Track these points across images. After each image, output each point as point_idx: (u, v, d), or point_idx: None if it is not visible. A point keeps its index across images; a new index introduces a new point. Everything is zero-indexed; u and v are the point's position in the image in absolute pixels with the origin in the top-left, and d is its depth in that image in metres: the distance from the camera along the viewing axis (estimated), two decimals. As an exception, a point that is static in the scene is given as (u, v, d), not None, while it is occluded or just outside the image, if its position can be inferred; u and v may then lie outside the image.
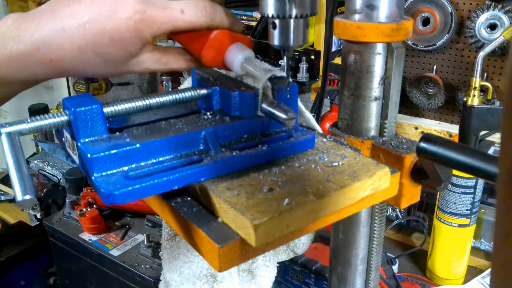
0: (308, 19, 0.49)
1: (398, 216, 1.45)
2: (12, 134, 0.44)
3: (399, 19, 0.56)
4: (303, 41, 0.49)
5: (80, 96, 0.48)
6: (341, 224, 0.67)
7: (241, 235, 0.42)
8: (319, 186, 0.45)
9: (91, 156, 0.44)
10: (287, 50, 0.50)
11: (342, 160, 0.51)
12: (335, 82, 1.53)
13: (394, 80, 0.58)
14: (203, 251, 0.44)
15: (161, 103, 0.52)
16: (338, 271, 0.70)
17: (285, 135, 0.53)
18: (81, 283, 1.57)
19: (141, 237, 1.47)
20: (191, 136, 0.49)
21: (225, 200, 0.43)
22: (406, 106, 1.43)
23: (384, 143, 0.59)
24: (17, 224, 2.04)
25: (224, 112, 0.53)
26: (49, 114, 0.46)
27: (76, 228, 1.53)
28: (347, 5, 0.57)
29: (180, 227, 0.47)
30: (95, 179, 0.44)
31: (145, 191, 0.43)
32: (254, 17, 1.76)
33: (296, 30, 0.48)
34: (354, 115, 0.61)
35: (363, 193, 0.48)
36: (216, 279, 0.75)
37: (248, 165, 0.49)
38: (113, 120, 0.51)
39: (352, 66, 0.59)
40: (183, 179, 0.45)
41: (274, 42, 0.49)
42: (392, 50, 0.56)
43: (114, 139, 0.47)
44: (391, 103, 0.60)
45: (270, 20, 0.48)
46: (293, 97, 0.54)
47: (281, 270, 1.26)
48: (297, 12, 0.46)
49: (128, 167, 0.46)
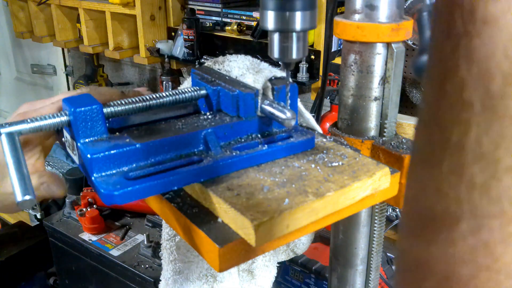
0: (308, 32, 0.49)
1: (398, 216, 1.45)
2: (12, 134, 0.44)
3: (399, 19, 0.56)
4: (303, 54, 0.48)
5: (80, 96, 0.48)
6: (341, 224, 0.67)
7: (241, 235, 0.42)
8: (319, 186, 0.45)
9: (91, 156, 0.44)
10: (287, 64, 0.49)
11: (342, 160, 0.51)
12: (335, 82, 1.53)
13: (394, 80, 0.58)
14: (203, 251, 0.44)
15: (161, 103, 0.52)
16: (338, 271, 0.70)
17: (285, 135, 0.53)
18: (81, 283, 1.57)
19: (141, 237, 1.47)
20: (191, 137, 0.49)
21: (225, 200, 0.43)
22: (406, 106, 1.43)
23: (384, 143, 0.59)
24: (17, 224, 2.04)
25: (224, 112, 0.53)
26: (49, 115, 0.46)
27: (76, 228, 1.53)
28: (347, 5, 0.57)
29: (180, 227, 0.47)
30: (95, 180, 0.44)
31: (145, 191, 0.43)
32: (254, 17, 1.76)
33: (296, 44, 0.48)
34: (354, 115, 0.61)
35: (363, 193, 0.48)
36: (216, 279, 0.75)
37: (248, 166, 0.49)
38: (113, 120, 0.51)
39: (352, 66, 0.59)
40: (183, 179, 0.45)
41: (274, 55, 0.48)
42: (392, 50, 0.56)
43: (114, 139, 0.47)
44: (391, 103, 0.60)
45: (270, 34, 0.48)
46: (293, 97, 0.54)
47: (281, 270, 1.26)
48: (297, 26, 0.46)
49: (128, 168, 0.46)
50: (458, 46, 0.19)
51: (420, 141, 0.22)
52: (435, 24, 0.21)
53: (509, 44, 0.18)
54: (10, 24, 2.74)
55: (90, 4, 2.08)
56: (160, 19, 2.01)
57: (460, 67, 0.19)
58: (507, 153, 0.18)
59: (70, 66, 2.85)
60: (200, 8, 1.92)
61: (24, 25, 2.52)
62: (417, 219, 0.22)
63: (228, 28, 1.79)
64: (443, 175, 0.20)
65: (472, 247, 0.19)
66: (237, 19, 1.82)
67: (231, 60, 0.57)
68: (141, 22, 1.95)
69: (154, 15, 1.98)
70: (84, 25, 2.15)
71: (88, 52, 2.24)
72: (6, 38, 3.09)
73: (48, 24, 2.43)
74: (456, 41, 0.19)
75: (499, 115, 0.18)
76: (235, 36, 1.78)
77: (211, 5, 1.89)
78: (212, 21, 1.88)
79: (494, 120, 0.18)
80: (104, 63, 2.52)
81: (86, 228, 1.50)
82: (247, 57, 0.58)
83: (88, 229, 1.49)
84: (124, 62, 2.58)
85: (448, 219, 0.20)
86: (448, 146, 0.20)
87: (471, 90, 0.19)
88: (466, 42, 0.19)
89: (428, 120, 0.21)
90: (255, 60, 0.58)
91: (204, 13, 1.92)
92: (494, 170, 0.18)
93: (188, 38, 1.85)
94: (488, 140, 0.18)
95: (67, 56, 2.85)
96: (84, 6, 2.10)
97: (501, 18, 0.18)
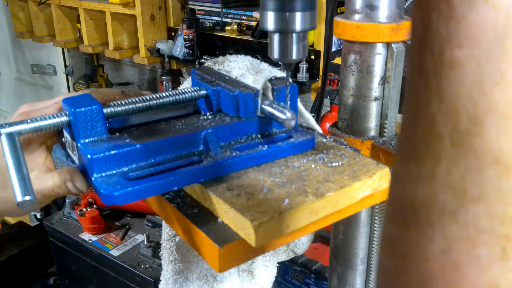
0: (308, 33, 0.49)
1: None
2: (12, 135, 0.44)
3: (399, 19, 0.56)
4: (303, 54, 0.48)
5: (80, 96, 0.48)
6: (341, 224, 0.67)
7: (241, 236, 0.42)
8: (319, 186, 0.45)
9: (91, 156, 0.44)
10: (287, 64, 0.49)
11: (342, 160, 0.51)
12: (335, 82, 1.53)
13: (394, 80, 0.58)
14: (203, 252, 0.44)
15: (161, 104, 0.52)
16: (338, 271, 0.70)
17: (285, 135, 0.53)
18: (81, 283, 1.57)
19: (141, 237, 1.47)
20: (191, 137, 0.49)
21: (225, 200, 0.43)
22: (406, 106, 1.43)
23: (384, 143, 0.59)
24: (17, 224, 2.04)
25: (224, 112, 0.53)
26: (49, 115, 0.46)
27: (76, 228, 1.53)
28: (347, 5, 0.57)
29: (180, 227, 0.47)
30: (95, 180, 0.44)
31: (145, 192, 0.43)
32: (254, 17, 1.76)
33: (296, 45, 0.48)
34: (354, 115, 0.61)
35: (363, 193, 0.48)
36: (216, 279, 0.75)
37: (248, 166, 0.49)
38: (113, 120, 0.51)
39: (352, 66, 0.59)
40: (183, 179, 0.45)
41: (274, 55, 0.48)
42: (392, 50, 0.57)
43: (114, 139, 0.47)
44: (391, 103, 0.60)
45: (270, 34, 0.48)
46: (293, 97, 0.54)
47: (281, 270, 1.26)
48: (297, 27, 0.46)
49: (128, 168, 0.46)
50: (429, 84, 0.21)
51: (397, 166, 0.24)
52: (409, 59, 0.23)
53: (473, 89, 0.20)
54: (10, 24, 2.74)
55: (90, 4, 2.08)
56: (160, 19, 2.01)
57: (431, 104, 0.21)
58: (473, 185, 0.20)
59: (70, 66, 2.85)
60: (200, 8, 1.92)
61: (24, 25, 2.52)
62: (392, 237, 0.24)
63: (228, 28, 1.79)
64: (417, 200, 0.22)
65: (443, 265, 0.21)
66: (237, 19, 1.82)
67: (231, 61, 0.57)
68: (141, 22, 1.95)
69: (154, 15, 1.98)
70: (84, 25, 2.15)
71: (88, 52, 2.24)
72: (6, 38, 3.09)
73: (48, 24, 2.43)
74: (427, 79, 0.21)
75: (466, 151, 0.20)
76: (235, 36, 1.78)
77: (211, 5, 1.89)
78: (212, 21, 1.88)
79: (461, 155, 0.20)
80: (104, 63, 2.52)
81: (86, 228, 1.50)
82: (247, 57, 0.58)
83: (88, 229, 1.49)
84: (124, 62, 2.58)
85: (422, 239, 0.22)
86: (422, 174, 0.22)
87: (441, 125, 0.21)
88: (436, 82, 0.21)
89: (405, 147, 0.23)
90: (255, 61, 0.58)
91: (204, 13, 1.92)
92: (462, 199, 0.21)
93: (188, 38, 1.85)
94: (457, 172, 0.21)
95: (67, 56, 2.85)
96: (84, 6, 2.10)
97: (465, 64, 0.20)
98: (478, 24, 0.19)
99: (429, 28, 0.20)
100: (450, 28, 0.20)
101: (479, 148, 0.20)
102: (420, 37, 0.21)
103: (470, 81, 0.20)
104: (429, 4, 0.20)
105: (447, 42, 0.20)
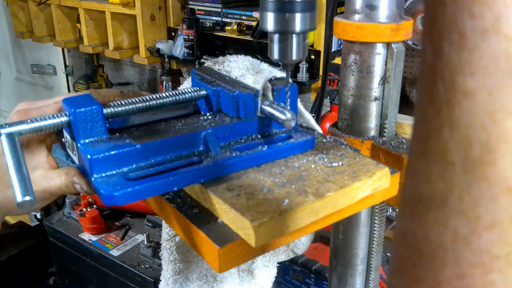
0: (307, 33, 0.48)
1: (398, 216, 1.45)
2: (12, 135, 0.44)
3: (399, 19, 0.56)
4: (303, 55, 0.48)
5: (80, 97, 0.48)
6: (341, 224, 0.67)
7: (241, 236, 0.42)
8: (318, 186, 0.45)
9: (91, 157, 0.44)
10: (287, 65, 0.49)
11: (342, 160, 0.51)
12: (335, 82, 1.53)
13: (394, 80, 0.58)
14: (203, 252, 0.44)
15: (161, 104, 0.52)
16: (338, 271, 0.70)
17: (285, 135, 0.53)
18: (81, 283, 1.57)
19: (141, 237, 1.47)
20: (191, 137, 0.49)
21: (225, 200, 0.43)
22: (406, 106, 1.43)
23: (384, 143, 0.59)
24: (17, 224, 2.04)
25: (224, 113, 0.53)
26: (49, 115, 0.46)
27: (76, 228, 1.53)
28: (347, 5, 0.57)
29: (180, 227, 0.47)
30: (95, 180, 0.44)
31: (145, 192, 0.43)
32: (254, 17, 1.76)
33: (295, 45, 0.48)
34: (354, 115, 0.61)
35: (363, 193, 0.48)
36: (216, 279, 0.75)
37: (248, 166, 0.49)
38: (113, 120, 0.51)
39: (352, 66, 0.59)
40: (183, 180, 0.45)
41: (274, 56, 0.48)
42: (392, 50, 0.56)
43: (114, 140, 0.47)
44: (391, 103, 0.60)
45: (270, 35, 0.48)
46: (293, 97, 0.54)
47: (281, 270, 1.26)
48: (297, 28, 0.46)
49: (128, 168, 0.46)
50: (441, 112, 0.21)
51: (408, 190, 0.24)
52: (420, 87, 0.23)
53: (486, 118, 0.20)
54: (10, 24, 2.74)
55: (90, 4, 2.08)
56: (160, 19, 2.01)
57: (443, 131, 0.21)
58: (486, 212, 0.20)
59: (70, 66, 2.85)
60: (200, 8, 1.92)
61: (24, 25, 2.52)
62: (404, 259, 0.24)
63: (228, 28, 1.79)
64: (429, 225, 0.22)
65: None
66: (237, 19, 1.82)
67: (231, 61, 0.57)
68: (141, 22, 1.95)
69: (154, 15, 1.98)
70: (84, 25, 2.15)
71: (88, 52, 2.24)
72: (6, 38, 3.09)
73: (48, 24, 2.43)
74: (439, 106, 0.21)
75: (479, 178, 0.20)
76: (235, 36, 1.78)
77: (211, 5, 1.89)
78: (212, 21, 1.88)
79: (474, 182, 0.21)
80: (104, 63, 2.52)
81: (86, 228, 1.50)
82: (247, 58, 0.58)
83: (88, 229, 1.49)
84: (124, 62, 2.58)
85: (435, 262, 0.22)
86: (434, 199, 0.22)
87: (453, 153, 0.21)
88: (448, 110, 0.21)
89: (416, 170, 0.23)
90: (255, 61, 0.58)
91: (204, 13, 1.92)
92: (475, 226, 0.21)
93: (188, 38, 1.85)
94: (469, 199, 0.21)
95: (67, 56, 2.85)
96: (84, 6, 2.10)
97: (477, 93, 0.20)
98: (490, 54, 0.19)
99: (441, 56, 0.21)
100: (462, 57, 0.20)
101: (491, 176, 0.20)
102: (432, 64, 0.21)
103: (483, 110, 0.20)
104: (441, 32, 0.20)
105: (459, 71, 0.20)
